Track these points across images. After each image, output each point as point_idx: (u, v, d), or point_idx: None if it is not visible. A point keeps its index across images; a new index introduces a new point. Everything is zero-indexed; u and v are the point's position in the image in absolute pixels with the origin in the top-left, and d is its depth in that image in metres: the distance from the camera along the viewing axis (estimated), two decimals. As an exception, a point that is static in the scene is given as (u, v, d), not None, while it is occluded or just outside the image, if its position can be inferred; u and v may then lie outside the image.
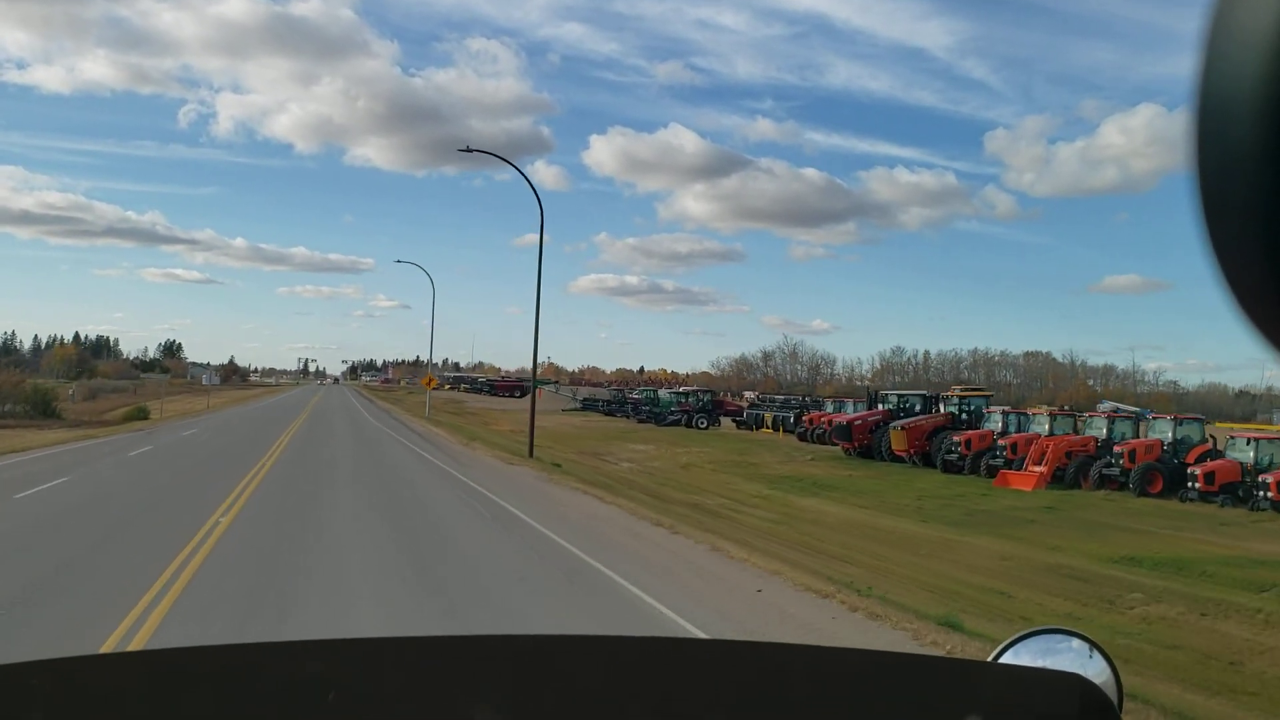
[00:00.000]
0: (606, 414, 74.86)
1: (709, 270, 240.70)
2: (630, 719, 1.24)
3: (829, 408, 48.37)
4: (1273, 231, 0.46)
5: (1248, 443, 25.38)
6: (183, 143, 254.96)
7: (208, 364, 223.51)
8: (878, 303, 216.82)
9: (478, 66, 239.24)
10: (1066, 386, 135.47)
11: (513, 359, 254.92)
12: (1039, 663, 1.44)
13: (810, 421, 46.63)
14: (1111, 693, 1.37)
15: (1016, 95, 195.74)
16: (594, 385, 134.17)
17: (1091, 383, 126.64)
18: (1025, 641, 1.48)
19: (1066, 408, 38.99)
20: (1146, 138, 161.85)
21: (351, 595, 8.96)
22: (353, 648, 1.29)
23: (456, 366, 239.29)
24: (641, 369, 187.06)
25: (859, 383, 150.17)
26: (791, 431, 49.97)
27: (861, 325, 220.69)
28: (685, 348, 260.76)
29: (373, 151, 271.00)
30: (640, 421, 64.10)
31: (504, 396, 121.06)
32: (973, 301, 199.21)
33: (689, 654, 1.45)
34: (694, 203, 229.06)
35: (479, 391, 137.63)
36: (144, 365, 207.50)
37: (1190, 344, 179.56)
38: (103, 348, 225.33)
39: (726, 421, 58.80)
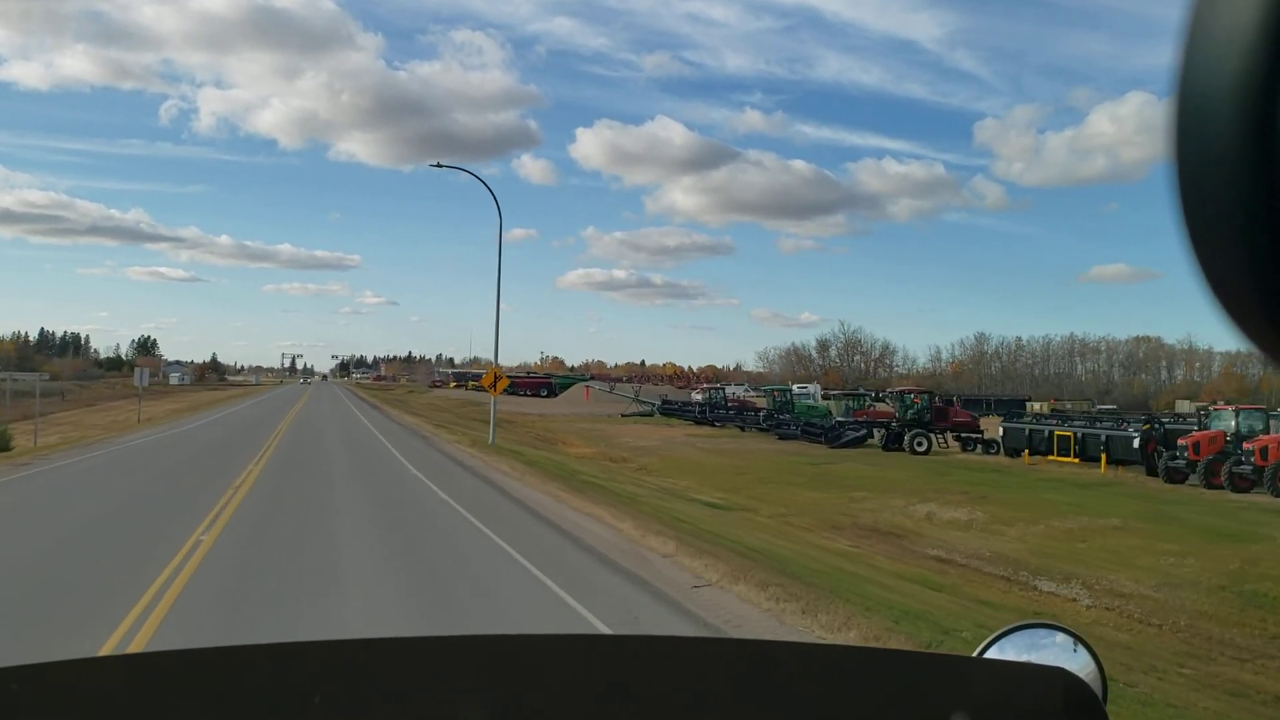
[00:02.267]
0: (699, 422, 53.81)
1: (697, 264, 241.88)
2: (618, 718, 1.22)
3: (1227, 420, 26.98)
4: (1252, 228, 0.45)
5: None
6: (166, 140, 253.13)
7: (191, 360, 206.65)
8: (867, 294, 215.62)
9: (463, 59, 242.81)
10: (1188, 377, 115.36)
11: (508, 355, 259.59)
12: (1024, 657, 1.42)
13: (1197, 448, 25.50)
14: (1096, 686, 1.33)
15: (1006, 87, 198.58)
16: (612, 380, 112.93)
17: (1237, 370, 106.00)
18: (1010, 636, 1.46)
19: None
20: (1136, 126, 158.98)
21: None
22: (340, 649, 1.28)
23: (450, 362, 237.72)
24: (643, 362, 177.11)
25: (935, 374, 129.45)
26: (1122, 462, 28.96)
27: (853, 317, 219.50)
28: (675, 342, 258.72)
29: (358, 147, 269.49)
30: (782, 438, 42.89)
31: (528, 396, 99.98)
32: (962, 292, 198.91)
33: (676, 651, 1.41)
34: (682, 196, 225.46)
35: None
36: (111, 364, 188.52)
37: (1178, 333, 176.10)
38: (68, 345, 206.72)
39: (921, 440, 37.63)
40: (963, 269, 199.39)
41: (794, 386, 70.13)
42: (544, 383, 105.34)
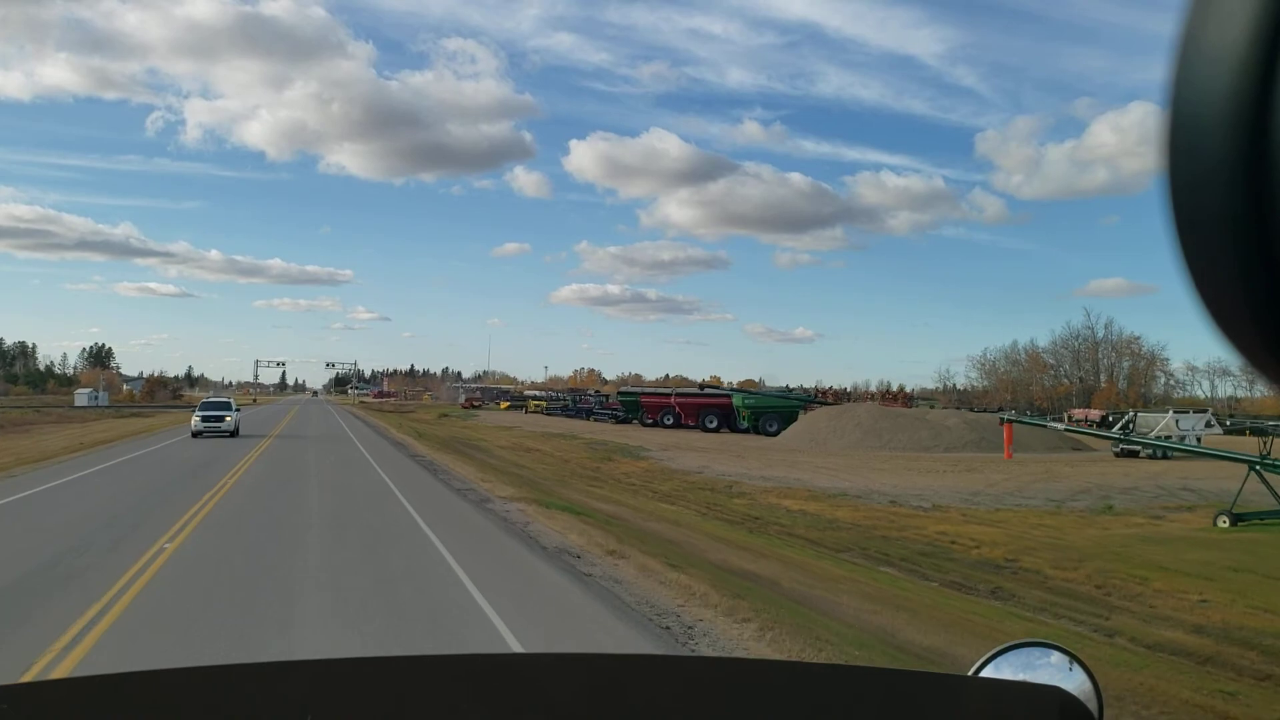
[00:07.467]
0: None
1: (692, 278, 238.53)
2: None
3: None
4: (1243, 242, 0.45)
5: None
6: (153, 153, 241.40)
7: (174, 375, 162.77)
8: (863, 310, 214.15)
9: (456, 68, 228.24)
10: None
11: (524, 369, 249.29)
12: (1019, 676, 1.38)
13: None
14: (1092, 706, 1.31)
15: (1006, 102, 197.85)
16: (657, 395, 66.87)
17: None
18: (1006, 655, 1.41)
19: None
20: (1138, 136, 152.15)
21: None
22: (332, 668, 1.27)
23: (459, 376, 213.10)
24: (666, 377, 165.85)
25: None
26: None
27: (846, 333, 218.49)
28: (668, 357, 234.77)
29: (348, 159, 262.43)
30: None
31: (669, 426, 54.35)
32: (959, 308, 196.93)
33: (670, 671, 1.40)
34: (677, 209, 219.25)
35: (577, 415, 70.53)
36: (33, 378, 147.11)
37: (1175, 349, 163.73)
38: (5, 355, 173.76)
39: None
40: (959, 284, 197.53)
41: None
42: (717, 403, 58.32)
